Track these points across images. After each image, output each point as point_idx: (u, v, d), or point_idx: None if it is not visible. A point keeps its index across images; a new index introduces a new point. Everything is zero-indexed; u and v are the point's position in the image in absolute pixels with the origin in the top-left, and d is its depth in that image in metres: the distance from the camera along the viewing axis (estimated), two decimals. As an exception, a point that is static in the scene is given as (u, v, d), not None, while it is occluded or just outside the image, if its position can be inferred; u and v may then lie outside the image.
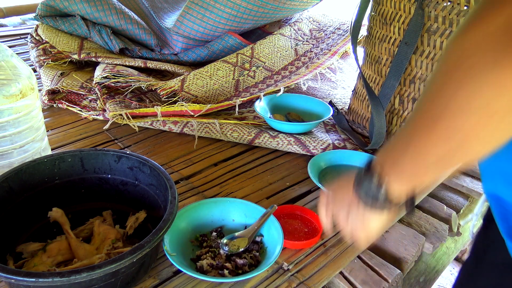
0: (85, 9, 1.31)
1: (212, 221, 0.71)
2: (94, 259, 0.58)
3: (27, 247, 0.61)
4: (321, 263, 0.66)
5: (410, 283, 0.75)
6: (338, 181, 0.53)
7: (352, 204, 0.49)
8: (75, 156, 0.68)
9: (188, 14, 1.26)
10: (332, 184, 0.54)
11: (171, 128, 1.01)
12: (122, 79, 1.11)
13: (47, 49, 1.30)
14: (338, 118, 1.07)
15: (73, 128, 1.03)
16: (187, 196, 0.80)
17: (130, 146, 0.97)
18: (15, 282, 0.47)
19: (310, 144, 0.95)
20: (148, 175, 0.67)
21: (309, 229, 0.72)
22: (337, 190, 0.53)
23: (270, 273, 0.63)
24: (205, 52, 1.34)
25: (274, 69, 1.29)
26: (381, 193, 0.44)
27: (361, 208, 0.47)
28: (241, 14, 1.25)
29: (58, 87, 1.12)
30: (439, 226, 0.79)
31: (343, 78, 1.36)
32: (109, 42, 1.31)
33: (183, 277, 0.62)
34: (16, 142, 0.70)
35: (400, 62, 0.84)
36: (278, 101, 1.10)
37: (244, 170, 0.90)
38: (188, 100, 1.09)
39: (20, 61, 0.70)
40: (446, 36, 0.79)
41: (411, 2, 0.80)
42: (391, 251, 0.72)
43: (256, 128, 0.99)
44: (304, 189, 0.84)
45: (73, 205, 0.69)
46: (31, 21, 1.83)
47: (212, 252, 0.65)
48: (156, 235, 0.53)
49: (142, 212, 0.68)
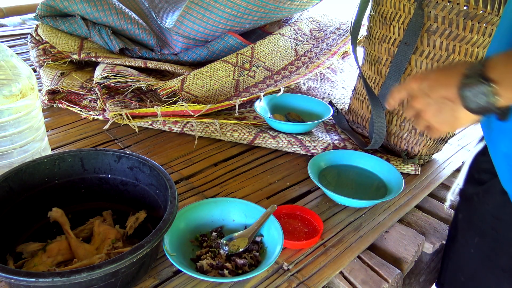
0: (85, 9, 1.31)
1: (212, 221, 0.71)
2: (94, 259, 0.58)
3: (27, 247, 0.61)
4: (321, 263, 0.66)
5: (410, 283, 0.75)
6: (435, 73, 0.52)
7: (449, 100, 0.50)
8: (75, 156, 0.68)
9: (188, 14, 1.26)
10: (428, 73, 0.53)
11: (171, 128, 1.01)
12: (122, 79, 1.11)
13: (47, 49, 1.30)
14: (338, 118, 1.07)
15: (73, 128, 1.03)
16: (187, 196, 0.80)
17: (130, 146, 0.97)
18: (15, 282, 0.47)
19: (310, 144, 0.95)
20: (148, 175, 0.67)
21: (309, 229, 0.72)
22: (433, 82, 0.52)
23: (270, 273, 0.63)
24: (205, 52, 1.34)
25: (274, 69, 1.29)
26: (491, 101, 0.45)
27: (459, 107, 0.48)
28: (241, 14, 1.25)
29: (58, 87, 1.12)
30: (439, 226, 0.79)
31: (343, 78, 1.36)
32: (109, 42, 1.31)
33: (183, 277, 0.62)
34: (16, 142, 0.70)
35: (400, 62, 0.84)
36: (278, 101, 1.10)
37: (244, 170, 0.90)
38: (188, 100, 1.09)
39: (20, 61, 0.70)
40: (446, 36, 0.79)
41: (411, 2, 0.80)
42: (391, 251, 0.72)
43: (256, 128, 0.99)
44: (304, 189, 0.84)
45: (73, 205, 0.69)
46: (31, 21, 1.83)
47: (212, 252, 0.65)
48: (156, 235, 0.53)
49: (142, 212, 0.68)
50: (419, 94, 0.54)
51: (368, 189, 0.83)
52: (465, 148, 1.03)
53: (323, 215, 0.77)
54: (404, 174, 0.89)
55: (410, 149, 0.92)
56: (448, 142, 1.01)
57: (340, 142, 0.97)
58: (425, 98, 0.53)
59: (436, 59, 0.82)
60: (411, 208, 0.82)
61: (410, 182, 0.88)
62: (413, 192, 0.85)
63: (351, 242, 0.71)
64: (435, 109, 0.52)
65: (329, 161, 0.88)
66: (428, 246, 0.76)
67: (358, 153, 0.89)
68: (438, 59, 0.82)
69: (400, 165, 0.90)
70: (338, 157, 0.89)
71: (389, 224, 0.76)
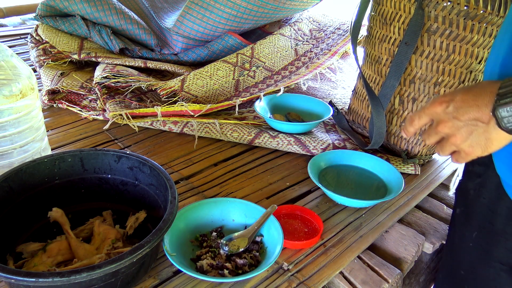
0: (85, 9, 1.31)
1: (212, 221, 0.71)
2: (94, 259, 0.58)
3: (27, 247, 0.61)
4: (321, 263, 0.66)
5: (410, 283, 0.75)
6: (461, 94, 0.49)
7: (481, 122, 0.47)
8: (75, 156, 0.68)
9: (188, 14, 1.26)
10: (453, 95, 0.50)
11: (171, 128, 1.01)
12: (122, 79, 1.11)
13: (47, 49, 1.30)
14: (338, 118, 1.07)
15: (73, 128, 1.03)
16: (187, 196, 0.80)
17: (130, 146, 0.97)
18: (15, 282, 0.47)
19: (310, 144, 0.95)
20: (148, 175, 0.67)
21: (309, 229, 0.72)
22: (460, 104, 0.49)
23: (270, 273, 0.63)
24: (205, 52, 1.34)
25: (274, 69, 1.29)
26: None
27: (492, 128, 0.46)
28: (241, 14, 1.25)
29: (58, 87, 1.12)
30: (439, 226, 0.79)
31: (343, 78, 1.36)
32: (109, 42, 1.31)
33: (183, 277, 0.62)
34: (16, 142, 0.70)
35: (400, 62, 0.84)
36: (278, 101, 1.10)
37: (244, 170, 0.90)
38: (188, 100, 1.09)
39: (20, 61, 0.70)
40: (446, 36, 0.79)
41: (411, 2, 0.80)
42: (391, 251, 0.72)
43: (256, 128, 0.99)
44: (304, 189, 0.84)
45: (73, 205, 0.69)
46: (31, 21, 1.83)
47: (212, 252, 0.65)
48: (156, 235, 0.53)
49: (142, 212, 0.68)
50: (445, 117, 0.51)
51: (368, 189, 0.83)
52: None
53: (323, 215, 0.77)
54: (404, 174, 0.89)
55: (410, 149, 0.92)
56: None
57: (340, 142, 0.97)
58: (453, 122, 0.50)
59: (437, 59, 0.82)
60: (411, 208, 0.82)
61: (410, 182, 0.88)
62: (413, 192, 0.85)
63: (351, 242, 0.71)
64: (465, 132, 0.49)
65: (329, 161, 0.88)
66: (428, 246, 0.76)
67: (358, 153, 0.89)
68: (438, 59, 0.82)
69: (400, 165, 0.90)
70: (338, 157, 0.89)
71: (389, 224, 0.76)
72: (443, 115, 0.51)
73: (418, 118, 0.55)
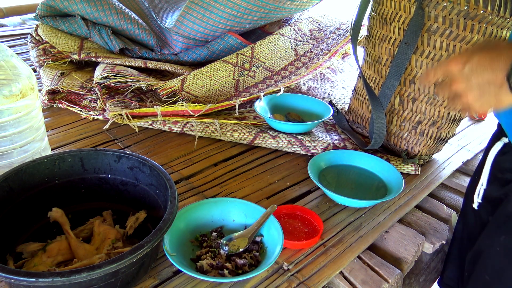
0: (85, 9, 1.31)
1: (212, 221, 0.71)
2: (94, 259, 0.58)
3: (27, 247, 0.61)
4: (321, 263, 0.66)
5: (410, 283, 0.75)
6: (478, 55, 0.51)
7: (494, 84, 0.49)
8: (75, 156, 0.68)
9: (188, 14, 1.26)
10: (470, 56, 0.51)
11: (171, 128, 1.01)
12: (122, 79, 1.11)
13: (47, 49, 1.30)
14: (338, 118, 1.07)
15: (73, 128, 1.03)
16: (187, 196, 0.80)
17: (130, 146, 0.97)
18: (15, 282, 0.47)
19: (310, 144, 0.95)
20: (148, 175, 0.67)
21: (309, 229, 0.72)
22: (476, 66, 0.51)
23: (270, 273, 0.63)
24: (205, 52, 1.34)
25: (274, 69, 1.29)
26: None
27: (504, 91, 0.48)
28: (241, 14, 1.25)
29: (58, 87, 1.12)
30: (439, 226, 0.79)
31: (343, 78, 1.36)
32: (109, 42, 1.31)
33: (183, 277, 0.62)
34: (16, 142, 0.70)
35: (400, 62, 0.84)
36: (278, 101, 1.10)
37: (244, 170, 0.90)
38: (188, 100, 1.09)
39: (20, 61, 0.70)
40: (446, 36, 0.79)
41: (411, 2, 0.80)
42: (391, 251, 0.72)
43: (256, 128, 0.99)
44: (304, 189, 0.84)
45: (73, 205, 0.69)
46: (31, 21, 1.83)
47: (212, 252, 0.65)
48: (156, 235, 0.53)
49: (142, 212, 0.68)
50: (460, 78, 0.52)
51: (368, 189, 0.83)
52: (465, 148, 1.03)
53: (323, 215, 0.77)
54: (404, 174, 0.89)
55: (410, 149, 0.92)
56: (448, 142, 1.01)
57: (340, 142, 0.97)
58: (467, 82, 0.52)
59: (437, 59, 0.82)
60: (411, 208, 0.82)
61: (410, 182, 0.88)
62: (413, 192, 0.85)
63: (351, 242, 0.71)
64: (477, 93, 0.51)
65: (329, 161, 0.88)
66: (428, 246, 0.76)
67: (358, 153, 0.89)
68: (438, 59, 0.82)
69: (400, 165, 0.90)
70: (338, 157, 0.89)
71: (389, 224, 0.76)
72: (458, 75, 0.53)
73: (434, 73, 0.57)
